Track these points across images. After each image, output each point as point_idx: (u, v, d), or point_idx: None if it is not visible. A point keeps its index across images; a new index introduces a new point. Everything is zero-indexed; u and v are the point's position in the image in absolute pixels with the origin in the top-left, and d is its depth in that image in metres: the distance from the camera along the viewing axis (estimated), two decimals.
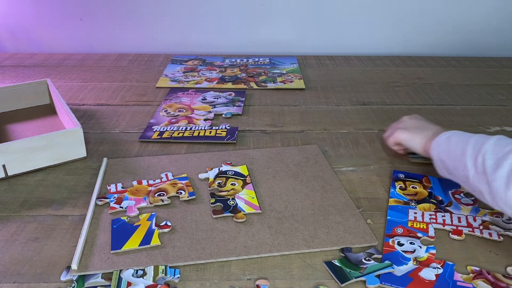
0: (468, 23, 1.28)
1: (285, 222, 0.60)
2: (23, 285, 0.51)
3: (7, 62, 1.19)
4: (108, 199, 0.65)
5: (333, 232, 0.58)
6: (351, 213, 0.62)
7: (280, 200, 0.65)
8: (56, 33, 1.29)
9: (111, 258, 0.54)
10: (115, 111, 0.93)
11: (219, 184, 0.68)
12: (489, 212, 0.63)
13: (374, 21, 1.28)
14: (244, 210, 0.62)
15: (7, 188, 0.68)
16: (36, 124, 0.86)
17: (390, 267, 0.52)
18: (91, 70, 1.15)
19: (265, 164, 0.73)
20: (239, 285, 0.51)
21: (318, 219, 0.60)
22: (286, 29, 1.29)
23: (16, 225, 0.60)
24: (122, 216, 0.61)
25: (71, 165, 0.74)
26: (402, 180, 0.70)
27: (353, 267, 0.52)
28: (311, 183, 0.68)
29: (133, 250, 0.56)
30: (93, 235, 0.58)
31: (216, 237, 0.58)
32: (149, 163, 0.74)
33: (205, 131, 0.84)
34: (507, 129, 0.87)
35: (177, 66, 1.19)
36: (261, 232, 0.58)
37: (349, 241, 0.57)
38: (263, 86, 1.06)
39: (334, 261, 0.53)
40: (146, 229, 0.59)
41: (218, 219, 0.61)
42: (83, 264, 0.53)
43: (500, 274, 0.52)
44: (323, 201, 0.64)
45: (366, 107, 0.96)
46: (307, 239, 0.57)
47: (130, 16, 1.27)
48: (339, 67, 1.20)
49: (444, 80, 1.11)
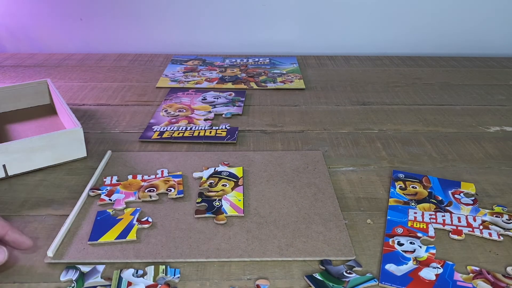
0: (468, 23, 1.28)
1: (264, 228, 0.59)
2: (23, 285, 0.51)
3: (7, 62, 1.19)
4: (100, 191, 0.66)
5: (310, 242, 0.57)
6: (336, 224, 0.60)
7: (267, 205, 0.64)
8: (56, 33, 1.29)
9: (87, 249, 0.55)
10: (115, 111, 0.93)
11: (210, 184, 0.68)
12: (489, 212, 0.63)
13: (374, 21, 1.28)
14: (227, 212, 0.62)
15: (7, 188, 0.68)
16: (36, 124, 0.86)
17: (372, 280, 0.51)
18: (91, 70, 1.15)
19: (262, 167, 0.73)
20: (239, 285, 0.51)
21: (300, 228, 0.59)
22: (286, 29, 1.29)
23: (16, 225, 0.60)
24: (108, 209, 0.62)
25: (71, 165, 0.74)
26: (402, 180, 0.70)
27: (335, 281, 0.51)
28: (304, 190, 0.67)
29: (108, 243, 0.56)
30: (78, 225, 0.59)
31: (192, 237, 0.57)
32: (150, 158, 0.75)
33: (205, 131, 0.84)
34: (507, 129, 0.87)
35: (177, 66, 1.19)
36: (238, 235, 0.58)
37: (325, 253, 0.55)
38: (263, 86, 1.06)
39: (315, 274, 0.52)
40: (127, 224, 0.59)
41: (199, 219, 0.61)
42: (59, 253, 0.54)
43: (500, 274, 0.52)
44: (310, 209, 0.63)
45: (366, 107, 0.96)
46: (281, 247, 0.56)
47: (130, 16, 1.27)
48: (339, 67, 1.20)
49: (444, 80, 1.12)
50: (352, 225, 0.60)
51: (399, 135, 0.84)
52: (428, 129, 0.87)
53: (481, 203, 0.65)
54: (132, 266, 0.53)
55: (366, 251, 0.56)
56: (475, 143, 0.82)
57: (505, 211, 0.63)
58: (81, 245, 0.56)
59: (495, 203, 0.65)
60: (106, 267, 0.53)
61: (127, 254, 0.55)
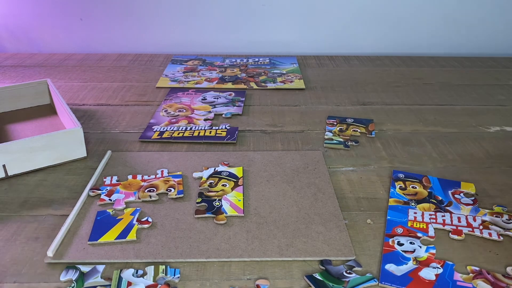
0: (468, 23, 1.28)
1: (264, 228, 0.59)
2: (23, 285, 0.51)
3: (7, 62, 1.19)
4: (100, 191, 0.66)
5: (310, 242, 0.57)
6: (336, 224, 0.60)
7: (267, 205, 0.64)
8: (56, 33, 1.29)
9: (87, 249, 0.55)
10: (115, 111, 0.93)
11: (210, 184, 0.68)
12: (489, 212, 0.63)
13: (374, 21, 1.28)
14: (227, 212, 0.62)
15: (7, 188, 0.68)
16: (36, 124, 0.86)
17: (372, 280, 0.52)
18: (91, 70, 1.15)
19: (262, 167, 0.73)
20: (239, 285, 0.51)
21: (299, 228, 0.59)
22: (286, 29, 1.29)
23: (16, 225, 0.60)
24: (108, 209, 0.62)
25: (71, 165, 0.74)
26: (402, 180, 0.70)
27: (335, 281, 0.51)
28: (304, 190, 0.67)
29: (108, 243, 0.56)
30: (78, 225, 0.59)
31: (192, 237, 0.57)
32: (150, 158, 0.75)
33: (205, 131, 0.84)
34: (507, 129, 0.87)
35: (177, 66, 1.19)
36: (238, 235, 0.58)
37: (325, 253, 0.55)
38: (263, 86, 1.06)
39: (315, 274, 0.52)
40: (127, 224, 0.59)
41: (199, 219, 0.61)
42: (59, 253, 0.54)
43: (500, 274, 0.52)
44: (310, 210, 0.63)
45: (366, 107, 0.96)
46: (281, 247, 0.56)
47: (130, 16, 1.27)
48: (339, 67, 1.20)
49: (444, 80, 1.12)
50: (352, 225, 0.60)
51: (399, 135, 0.84)
52: (428, 129, 0.87)
53: (481, 203, 0.65)
54: (132, 266, 0.53)
55: (366, 251, 0.56)
56: (475, 143, 0.82)
57: (505, 211, 0.63)
58: (81, 245, 0.56)
59: (495, 203, 0.65)
60: (106, 267, 0.53)
61: (127, 254, 0.55)
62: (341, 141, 0.81)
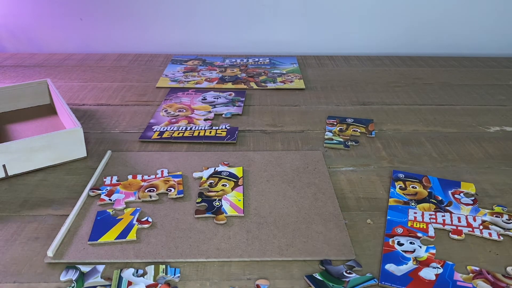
0: (468, 23, 1.28)
1: (264, 228, 0.59)
2: (23, 285, 0.51)
3: (7, 62, 1.19)
4: (100, 191, 0.66)
5: (310, 242, 0.57)
6: (336, 223, 0.60)
7: (267, 205, 0.64)
8: (56, 33, 1.29)
9: (87, 249, 0.55)
10: (115, 111, 0.93)
11: (210, 184, 0.68)
12: (489, 212, 0.63)
13: (374, 21, 1.28)
14: (227, 212, 0.62)
15: (7, 188, 0.68)
16: (36, 124, 0.86)
17: (372, 280, 0.51)
18: (91, 70, 1.15)
19: (262, 167, 0.73)
20: (239, 285, 0.51)
21: (300, 227, 0.59)
22: (286, 29, 1.29)
23: (16, 225, 0.60)
24: (108, 209, 0.62)
25: (71, 165, 0.74)
26: (402, 180, 0.70)
27: (335, 281, 0.51)
28: (304, 190, 0.67)
29: (108, 243, 0.56)
30: (77, 225, 0.59)
31: (192, 237, 0.57)
32: (150, 158, 0.75)
33: (205, 131, 0.84)
34: (507, 129, 0.87)
35: (177, 66, 1.19)
36: (238, 235, 0.58)
37: (325, 253, 0.55)
38: (263, 86, 1.06)
39: (315, 274, 0.52)
40: (127, 224, 0.59)
41: (199, 219, 0.61)
42: (59, 253, 0.54)
43: (500, 274, 0.52)
44: (310, 209, 0.63)
45: (366, 107, 0.96)
46: (282, 247, 0.56)
47: (130, 16, 1.27)
48: (339, 67, 1.20)
49: (444, 80, 1.12)
50: (352, 225, 0.60)
51: (399, 135, 0.84)
52: (428, 129, 0.87)
53: (481, 203, 0.65)
54: (132, 266, 0.53)
55: (366, 251, 0.56)
56: (475, 143, 0.82)
57: (505, 211, 0.63)
58: (81, 245, 0.56)
59: (495, 203, 0.65)
60: (106, 267, 0.53)
61: (127, 254, 0.55)
62: (341, 141, 0.81)
